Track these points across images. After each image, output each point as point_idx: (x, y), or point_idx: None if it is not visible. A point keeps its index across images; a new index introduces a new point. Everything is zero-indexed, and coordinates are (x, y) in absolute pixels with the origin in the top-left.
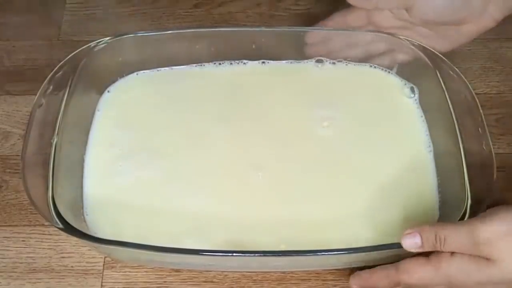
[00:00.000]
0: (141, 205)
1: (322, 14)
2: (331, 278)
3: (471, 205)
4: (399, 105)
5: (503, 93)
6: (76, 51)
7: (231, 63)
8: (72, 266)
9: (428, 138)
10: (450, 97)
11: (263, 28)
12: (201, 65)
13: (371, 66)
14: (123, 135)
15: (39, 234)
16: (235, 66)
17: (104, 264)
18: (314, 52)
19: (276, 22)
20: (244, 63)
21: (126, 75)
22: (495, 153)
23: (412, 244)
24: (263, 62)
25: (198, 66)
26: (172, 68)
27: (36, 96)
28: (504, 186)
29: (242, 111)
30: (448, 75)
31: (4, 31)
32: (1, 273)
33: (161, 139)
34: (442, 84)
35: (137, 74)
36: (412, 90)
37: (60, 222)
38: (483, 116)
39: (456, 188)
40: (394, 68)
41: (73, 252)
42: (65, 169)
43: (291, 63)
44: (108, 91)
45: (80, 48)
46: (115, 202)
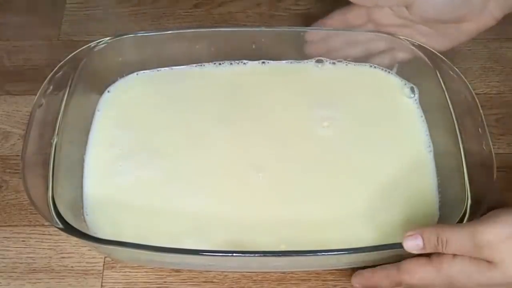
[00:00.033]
0: (141, 205)
1: (322, 14)
2: (331, 278)
3: (471, 205)
4: (399, 105)
5: (503, 93)
6: (76, 51)
7: (231, 63)
8: (72, 266)
9: (428, 138)
10: (450, 97)
11: (263, 28)
12: (201, 65)
13: (371, 66)
14: (123, 135)
15: (39, 234)
16: (235, 66)
17: (104, 264)
18: (314, 51)
19: (276, 22)
20: (244, 63)
21: (126, 75)
22: (495, 153)
23: (414, 245)
24: (263, 62)
25: (198, 66)
26: (172, 68)
27: (36, 96)
28: (504, 186)
29: (242, 111)
30: (448, 75)
31: (4, 31)
32: (1, 273)
33: (161, 139)
34: (442, 84)
35: (137, 74)
36: (412, 90)
37: (60, 222)
38: (483, 116)
39: (456, 188)
40: (394, 68)
41: (73, 252)
42: (65, 169)
43: (291, 63)
44: (108, 91)
45: (80, 48)
46: (115, 202)
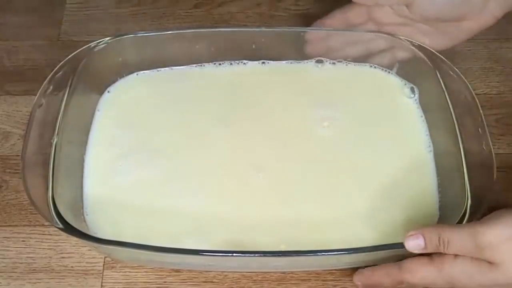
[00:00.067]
0: (141, 205)
1: (322, 14)
2: (331, 278)
3: (471, 205)
4: (399, 105)
5: (503, 93)
6: (76, 51)
7: (231, 63)
8: (72, 266)
9: (428, 138)
10: (450, 97)
11: (263, 28)
12: (201, 65)
13: (371, 66)
14: (123, 135)
15: (39, 234)
16: (235, 66)
17: (104, 264)
18: (314, 50)
19: (276, 22)
20: (244, 63)
21: (126, 75)
22: (495, 153)
23: (415, 245)
24: (263, 62)
25: (198, 66)
26: (172, 68)
27: (36, 96)
28: (504, 186)
29: (242, 111)
30: (448, 75)
31: (4, 31)
32: (1, 273)
33: (161, 139)
34: (442, 84)
35: (137, 74)
36: (412, 90)
37: (60, 222)
38: (483, 116)
39: (456, 188)
40: (394, 68)
41: (73, 252)
42: (65, 169)
43: (291, 63)
44: (108, 91)
45: (80, 48)
46: (115, 202)
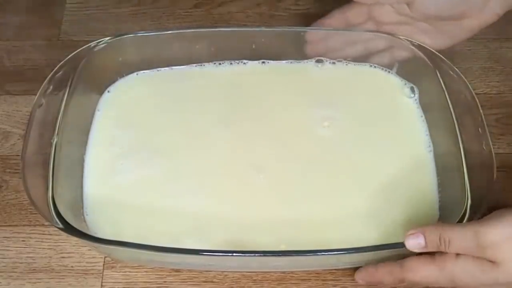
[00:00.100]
0: (141, 205)
1: (322, 14)
2: (331, 278)
3: (471, 205)
4: (399, 105)
5: (503, 93)
6: (76, 51)
7: (231, 63)
8: (72, 266)
9: (428, 138)
10: (450, 97)
11: (263, 28)
12: (201, 65)
13: (371, 66)
14: (123, 135)
15: (39, 234)
16: (235, 66)
17: (104, 264)
18: (314, 50)
19: (276, 22)
20: (244, 63)
21: (126, 75)
22: (495, 153)
23: (415, 244)
24: (263, 62)
25: (198, 66)
26: (172, 68)
27: (36, 96)
28: (504, 186)
29: (242, 111)
30: (448, 75)
31: (4, 31)
32: (1, 273)
33: (161, 139)
34: (442, 84)
35: (137, 74)
36: (412, 90)
37: (60, 222)
38: (483, 116)
39: (456, 188)
40: (394, 68)
41: (73, 252)
42: (65, 169)
43: (291, 63)
44: (108, 91)
45: (80, 48)
46: (115, 202)
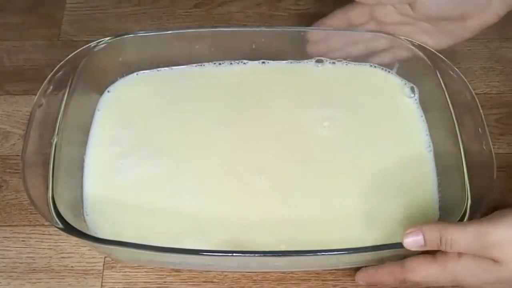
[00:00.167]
0: (141, 205)
1: (322, 14)
2: (331, 278)
3: (471, 205)
4: (399, 105)
5: (503, 93)
6: (76, 51)
7: (231, 63)
8: (72, 266)
9: (428, 138)
10: (450, 97)
11: (263, 28)
12: (201, 65)
13: (371, 66)
14: (124, 135)
15: (39, 234)
16: (235, 66)
17: (104, 264)
18: (315, 50)
19: (276, 22)
20: (244, 63)
21: (126, 75)
22: (495, 153)
23: (413, 242)
24: (263, 62)
25: (198, 66)
26: (172, 68)
27: (36, 96)
28: (504, 186)
29: (242, 111)
30: (448, 75)
31: (4, 31)
32: (1, 273)
33: (161, 139)
34: (442, 84)
35: (137, 74)
36: (412, 90)
37: (60, 222)
38: (483, 116)
39: (456, 188)
40: (394, 68)
41: (73, 252)
42: (65, 169)
43: (291, 63)
44: (108, 91)
45: (80, 48)
46: (115, 202)
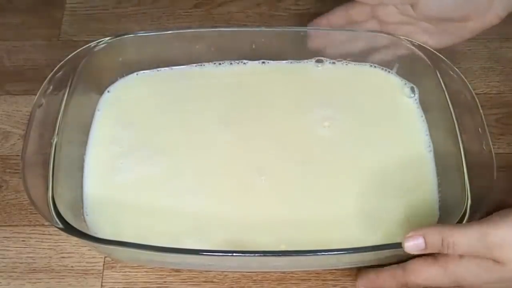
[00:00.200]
0: (141, 205)
1: (322, 14)
2: (331, 278)
3: (471, 205)
4: (399, 105)
5: (503, 93)
6: (76, 51)
7: (231, 63)
8: (72, 266)
9: (428, 138)
10: (450, 97)
11: (263, 28)
12: (201, 65)
13: (371, 66)
14: (123, 135)
15: (39, 234)
16: (235, 66)
17: (104, 264)
18: (316, 44)
19: (276, 22)
20: (244, 63)
21: (126, 75)
22: (495, 153)
23: (414, 246)
24: (263, 62)
25: (198, 66)
26: (172, 68)
27: (36, 96)
28: (504, 186)
29: (242, 111)
30: (448, 75)
31: (4, 31)
32: (1, 273)
33: (161, 139)
34: (442, 84)
35: (137, 74)
36: (412, 90)
37: (60, 222)
38: (483, 116)
39: (456, 188)
40: (394, 68)
41: (73, 252)
42: (65, 169)
43: (291, 63)
44: (108, 91)
45: (80, 48)
46: (115, 202)
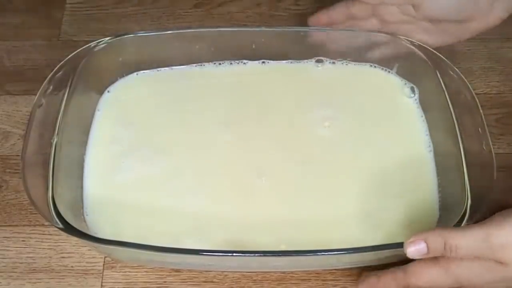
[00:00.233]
0: (141, 205)
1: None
2: (331, 278)
3: (471, 205)
4: (399, 105)
5: (503, 93)
6: (76, 51)
7: (231, 63)
8: (72, 266)
9: (428, 138)
10: (450, 97)
11: (263, 28)
12: (201, 65)
13: (371, 66)
14: (124, 135)
15: (39, 234)
16: (235, 66)
17: (104, 264)
18: (316, 40)
19: (276, 22)
20: (244, 63)
21: (126, 75)
22: (495, 153)
23: (416, 252)
24: (263, 62)
25: (198, 66)
26: (172, 68)
27: (36, 96)
28: (504, 186)
29: (242, 111)
30: (448, 75)
31: (4, 31)
32: (1, 273)
33: (161, 139)
34: (442, 84)
35: (137, 74)
36: (412, 90)
37: (60, 222)
38: (483, 116)
39: (456, 188)
40: (394, 68)
41: (73, 252)
42: (65, 169)
43: (291, 63)
44: (108, 91)
45: (80, 48)
46: (115, 202)
